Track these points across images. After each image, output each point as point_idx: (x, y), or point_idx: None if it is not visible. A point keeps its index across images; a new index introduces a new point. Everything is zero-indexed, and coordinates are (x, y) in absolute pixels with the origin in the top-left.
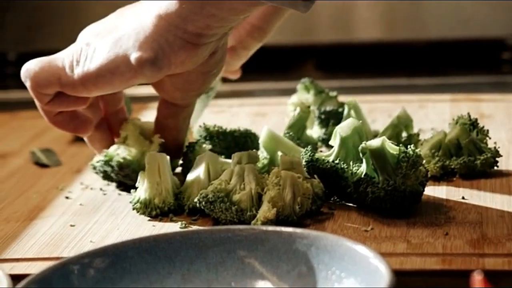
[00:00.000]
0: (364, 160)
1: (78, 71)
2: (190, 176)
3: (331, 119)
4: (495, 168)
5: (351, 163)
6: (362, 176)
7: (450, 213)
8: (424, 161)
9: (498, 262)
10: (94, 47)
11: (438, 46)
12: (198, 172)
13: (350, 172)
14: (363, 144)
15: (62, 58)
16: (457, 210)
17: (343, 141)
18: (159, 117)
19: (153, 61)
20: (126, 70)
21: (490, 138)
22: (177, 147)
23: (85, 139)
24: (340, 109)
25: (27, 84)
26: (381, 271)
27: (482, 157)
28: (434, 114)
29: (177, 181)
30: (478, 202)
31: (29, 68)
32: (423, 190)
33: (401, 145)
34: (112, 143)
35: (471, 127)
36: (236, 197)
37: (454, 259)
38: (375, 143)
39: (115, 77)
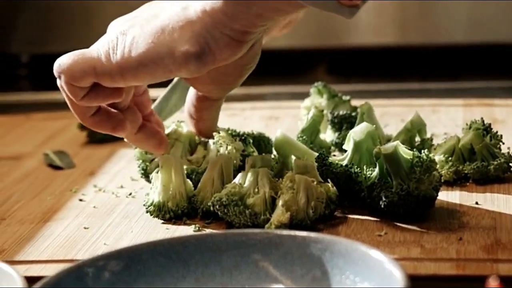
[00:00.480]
0: (377, 164)
1: (116, 59)
2: (203, 179)
3: (344, 123)
4: (509, 173)
5: (364, 167)
6: (376, 180)
7: (463, 218)
8: (437, 166)
9: None
10: (132, 35)
11: (451, 51)
12: (211, 175)
13: (364, 176)
14: (376, 149)
15: (97, 48)
16: (471, 216)
17: (357, 145)
18: (194, 111)
19: (199, 56)
20: (171, 62)
21: (503, 143)
22: (211, 135)
23: (128, 141)
24: (353, 113)
25: (62, 78)
26: (396, 276)
27: (495, 162)
28: (447, 119)
29: (190, 184)
30: (492, 207)
31: (62, 62)
32: (437, 195)
33: (414, 149)
34: (156, 143)
35: (485, 132)
36: (250, 200)
37: (468, 265)
38: (389, 147)
39: (159, 68)
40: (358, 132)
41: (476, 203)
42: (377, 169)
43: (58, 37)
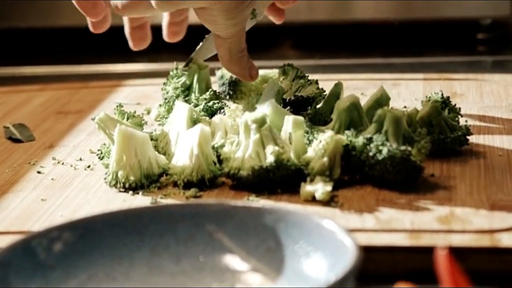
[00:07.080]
0: (373, 126)
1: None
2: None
3: (302, 105)
4: (466, 146)
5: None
6: (374, 137)
7: (419, 190)
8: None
9: (466, 239)
10: None
11: (415, 26)
12: (188, 147)
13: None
14: (382, 110)
15: None
16: (426, 187)
17: (340, 114)
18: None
19: None
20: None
21: (461, 116)
22: (238, 75)
23: (127, 35)
24: (315, 96)
25: None
26: (348, 246)
27: (452, 135)
28: (407, 93)
29: (161, 157)
30: (448, 179)
31: None
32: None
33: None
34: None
35: (443, 105)
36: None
37: (422, 235)
38: (397, 111)
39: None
40: (343, 102)
41: (432, 175)
42: (369, 129)
43: (21, 12)
